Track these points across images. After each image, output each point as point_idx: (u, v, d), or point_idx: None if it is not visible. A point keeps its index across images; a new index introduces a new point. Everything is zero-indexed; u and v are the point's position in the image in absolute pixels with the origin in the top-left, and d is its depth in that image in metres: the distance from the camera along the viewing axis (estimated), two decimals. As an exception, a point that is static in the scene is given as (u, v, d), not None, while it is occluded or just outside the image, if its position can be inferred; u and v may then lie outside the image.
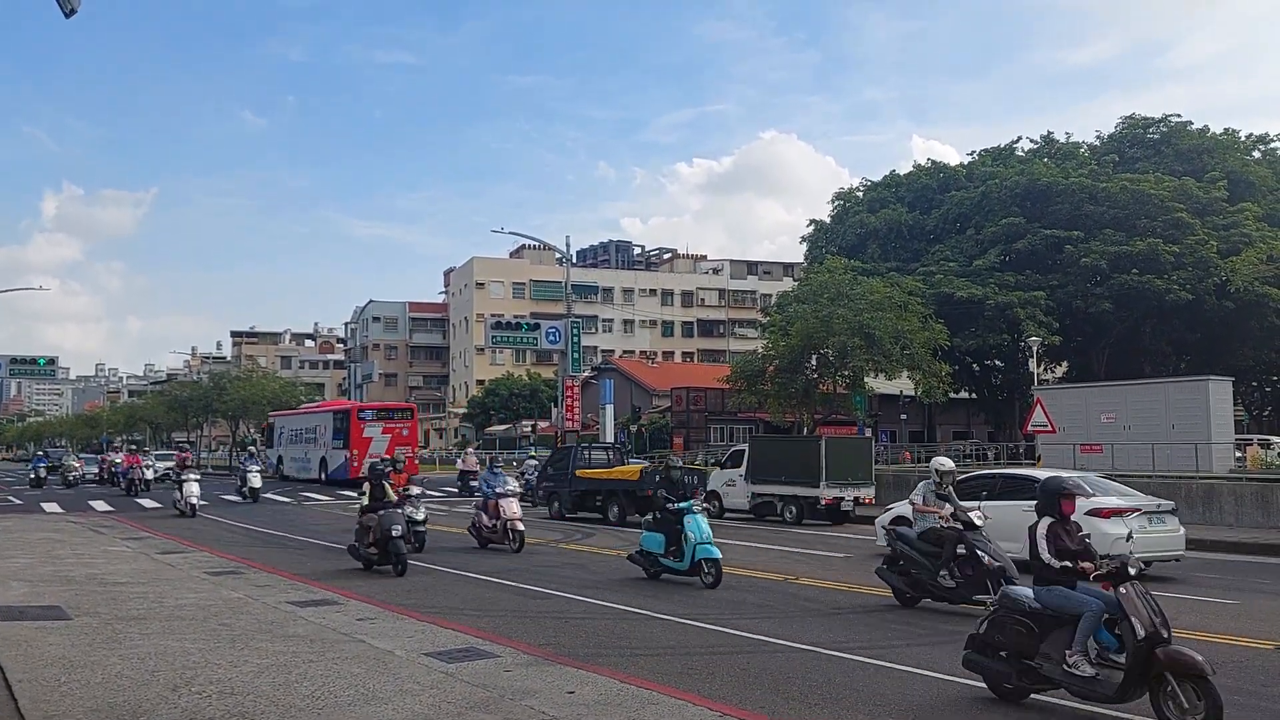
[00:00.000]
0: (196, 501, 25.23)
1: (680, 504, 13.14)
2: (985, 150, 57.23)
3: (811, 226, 58.61)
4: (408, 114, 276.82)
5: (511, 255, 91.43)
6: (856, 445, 25.70)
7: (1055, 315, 44.25)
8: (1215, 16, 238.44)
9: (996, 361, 51.73)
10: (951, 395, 43.68)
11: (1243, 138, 54.78)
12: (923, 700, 7.23)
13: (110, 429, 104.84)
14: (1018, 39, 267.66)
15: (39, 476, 42.38)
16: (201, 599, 11.27)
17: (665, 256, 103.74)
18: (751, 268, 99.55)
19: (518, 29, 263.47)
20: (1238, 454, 29.04)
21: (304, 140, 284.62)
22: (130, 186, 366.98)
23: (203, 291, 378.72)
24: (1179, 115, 53.93)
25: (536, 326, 40.40)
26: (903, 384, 45.01)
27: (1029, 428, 26.78)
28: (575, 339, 38.38)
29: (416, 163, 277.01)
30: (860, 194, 57.96)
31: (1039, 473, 15.92)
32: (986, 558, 10.58)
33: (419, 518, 16.66)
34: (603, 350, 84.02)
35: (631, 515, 22.71)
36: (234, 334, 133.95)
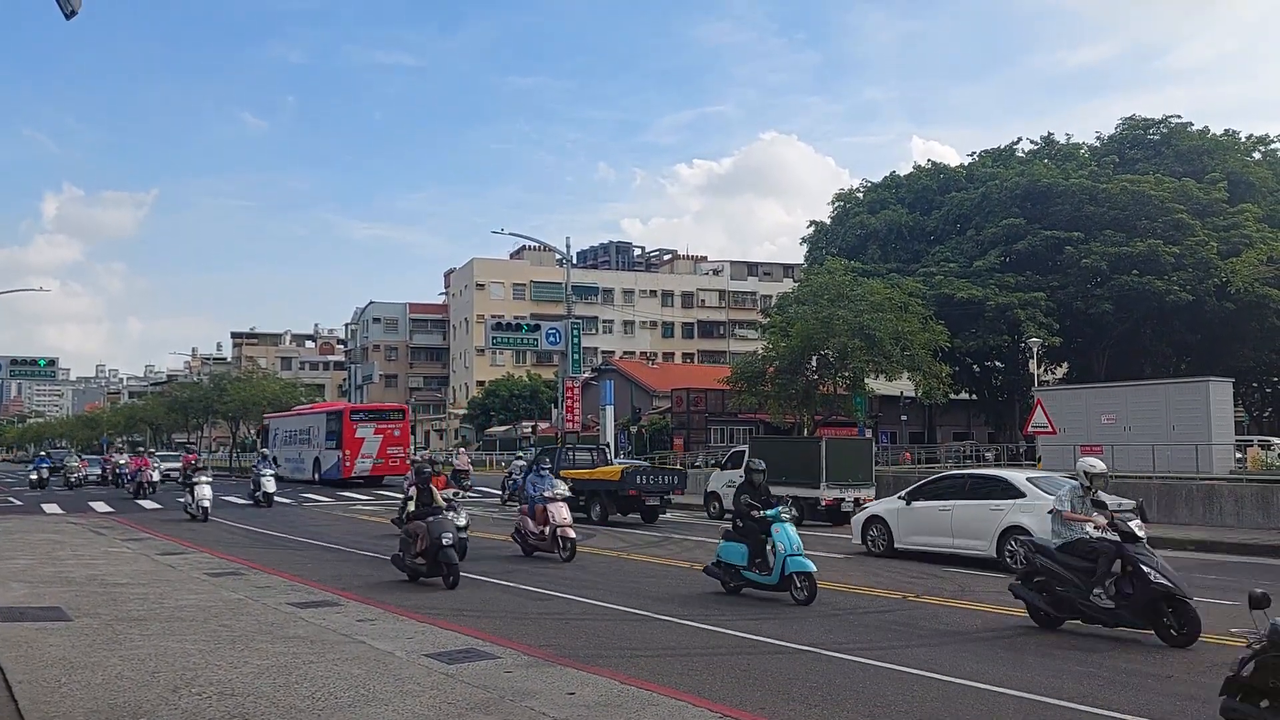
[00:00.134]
0: (209, 505, 24.37)
1: (767, 511, 11.96)
2: (985, 151, 57.34)
3: (812, 228, 58.69)
4: (408, 115, 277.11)
5: (512, 256, 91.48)
6: (857, 446, 25.71)
7: (1055, 316, 44.28)
8: (1215, 19, 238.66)
9: (997, 363, 51.77)
10: (952, 396, 43.71)
11: (1243, 139, 54.83)
12: (924, 701, 7.22)
13: (110, 430, 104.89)
14: (1018, 40, 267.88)
15: (41, 477, 42.31)
16: (202, 600, 11.27)
17: (665, 258, 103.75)
18: (752, 269, 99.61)
19: (518, 31, 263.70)
20: (1238, 455, 29.05)
21: (304, 142, 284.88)
22: (131, 188, 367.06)
23: (203, 293, 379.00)
24: (1179, 116, 54.10)
25: (537, 327, 40.36)
26: (903, 385, 45.06)
27: (1029, 429, 26.80)
28: (575, 340, 38.34)
29: (417, 164, 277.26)
30: (860, 195, 58.02)
31: (1006, 473, 16.24)
32: (1153, 574, 9.28)
33: (460, 523, 15.44)
34: (603, 351, 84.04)
35: (613, 514, 23.97)
36: (234, 335, 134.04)
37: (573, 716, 6.43)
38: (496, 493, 33.64)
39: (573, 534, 15.81)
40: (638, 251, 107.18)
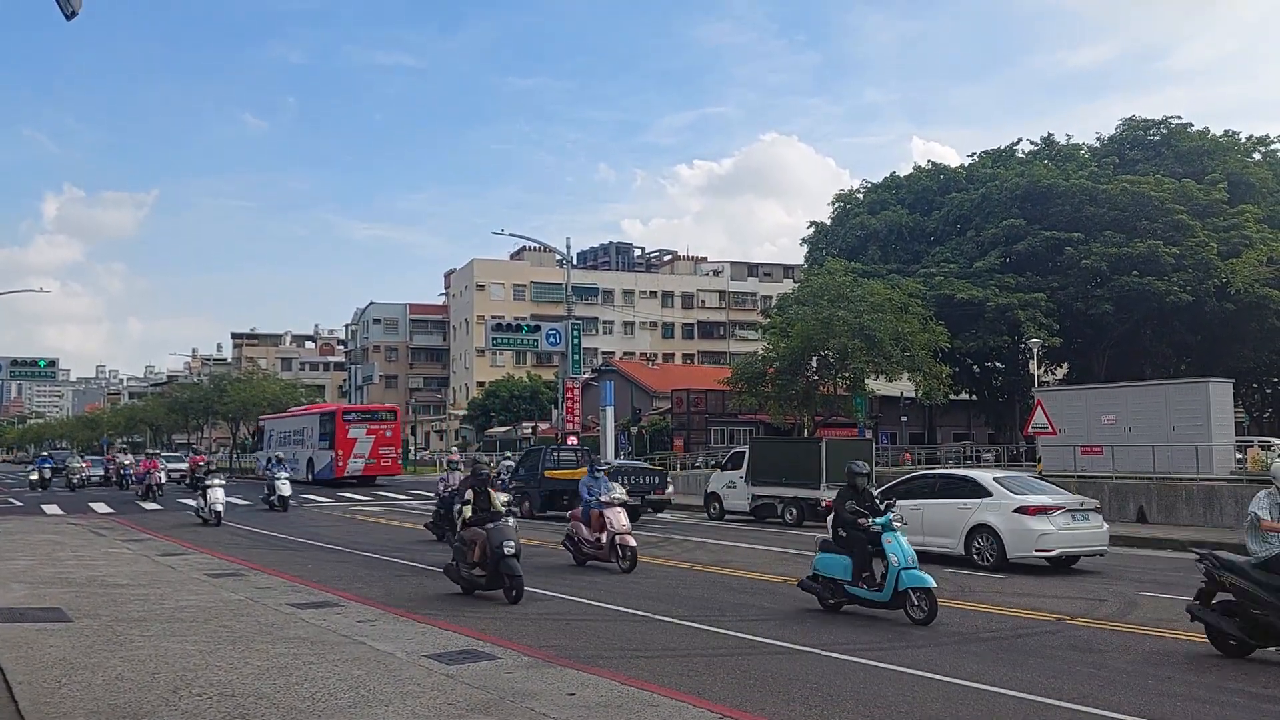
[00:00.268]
0: (222, 509, 23.32)
1: (876, 519, 10.74)
2: (985, 152, 57.32)
3: (812, 228, 58.68)
4: (408, 116, 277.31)
5: (512, 257, 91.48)
6: (857, 447, 25.72)
7: (1055, 317, 44.29)
8: (1215, 19, 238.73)
9: (997, 363, 51.78)
10: (952, 397, 43.73)
11: (1243, 139, 54.81)
12: (924, 702, 7.22)
13: (111, 431, 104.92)
14: (1017, 41, 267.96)
15: (43, 477, 42.26)
16: (202, 601, 11.28)
17: (665, 258, 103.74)
18: (752, 269, 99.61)
19: (518, 32, 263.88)
20: (1238, 456, 29.01)
21: (305, 142, 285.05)
22: (131, 188, 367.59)
23: (203, 293, 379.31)
24: (1179, 117, 54.08)
25: (537, 328, 40.33)
26: (903, 386, 45.07)
27: (1029, 430, 26.76)
28: (575, 341, 38.34)
29: (417, 164, 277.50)
30: (860, 196, 58.02)
31: (974, 474, 16.81)
32: None
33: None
34: (603, 352, 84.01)
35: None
36: (234, 336, 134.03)
37: (573, 717, 6.43)
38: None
39: (632, 542, 14.79)
40: (638, 252, 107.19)
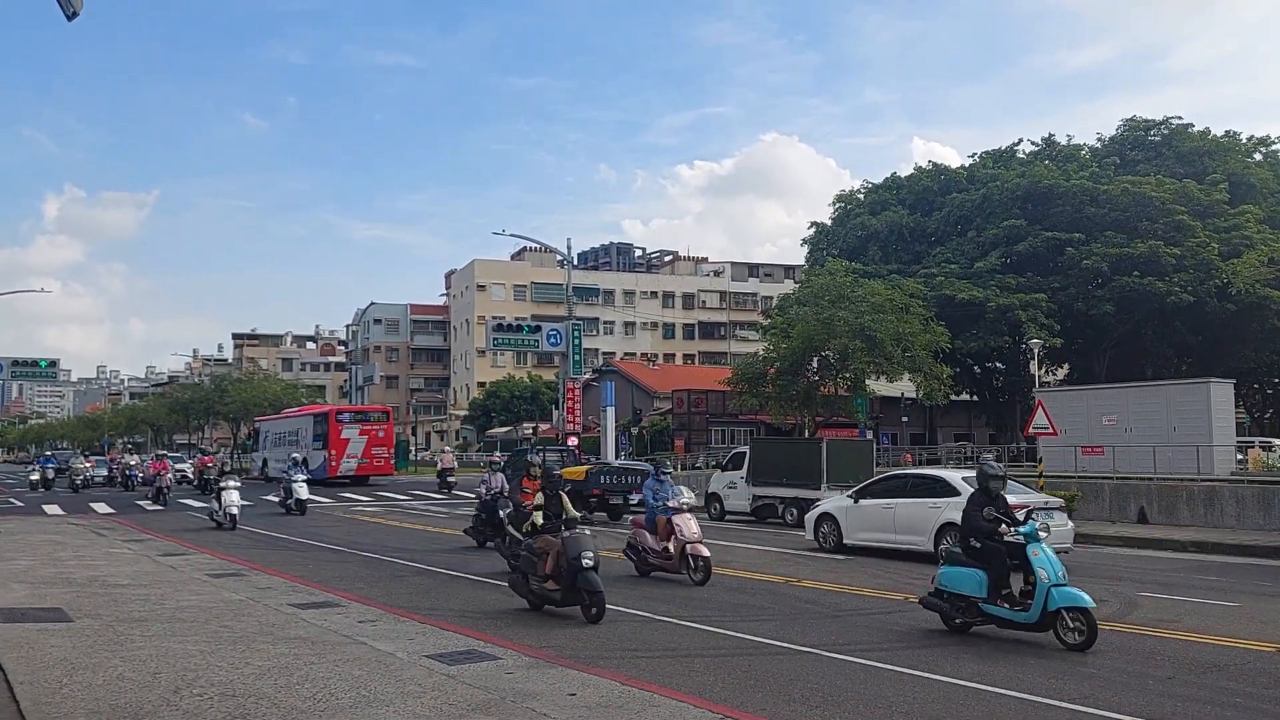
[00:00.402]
0: (237, 512, 21.93)
1: (1020, 529, 9.36)
2: (986, 152, 57.34)
3: (812, 229, 58.72)
4: (408, 116, 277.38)
5: (513, 257, 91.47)
6: (858, 448, 25.70)
7: (1056, 317, 44.30)
8: (1215, 19, 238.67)
9: (998, 364, 51.78)
10: (953, 398, 43.74)
11: (1244, 140, 54.82)
12: (925, 702, 7.22)
13: (112, 431, 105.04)
14: (1018, 42, 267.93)
15: (45, 477, 42.21)
16: (203, 601, 11.28)
17: (666, 259, 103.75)
18: (753, 270, 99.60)
19: (518, 32, 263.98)
20: (1239, 456, 29.02)
21: (305, 142, 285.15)
22: (132, 188, 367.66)
23: (204, 293, 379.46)
24: (1180, 118, 54.13)
25: (537, 329, 40.35)
26: (904, 386, 45.07)
27: (1030, 430, 26.71)
28: (576, 341, 38.36)
29: (417, 165, 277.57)
30: (861, 196, 58.04)
31: (944, 473, 17.12)
32: None
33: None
34: (604, 352, 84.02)
35: (580, 512, 24.31)
36: (235, 336, 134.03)
37: (574, 717, 6.44)
38: (469, 495, 34.36)
39: (705, 551, 13.33)
40: (638, 253, 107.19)
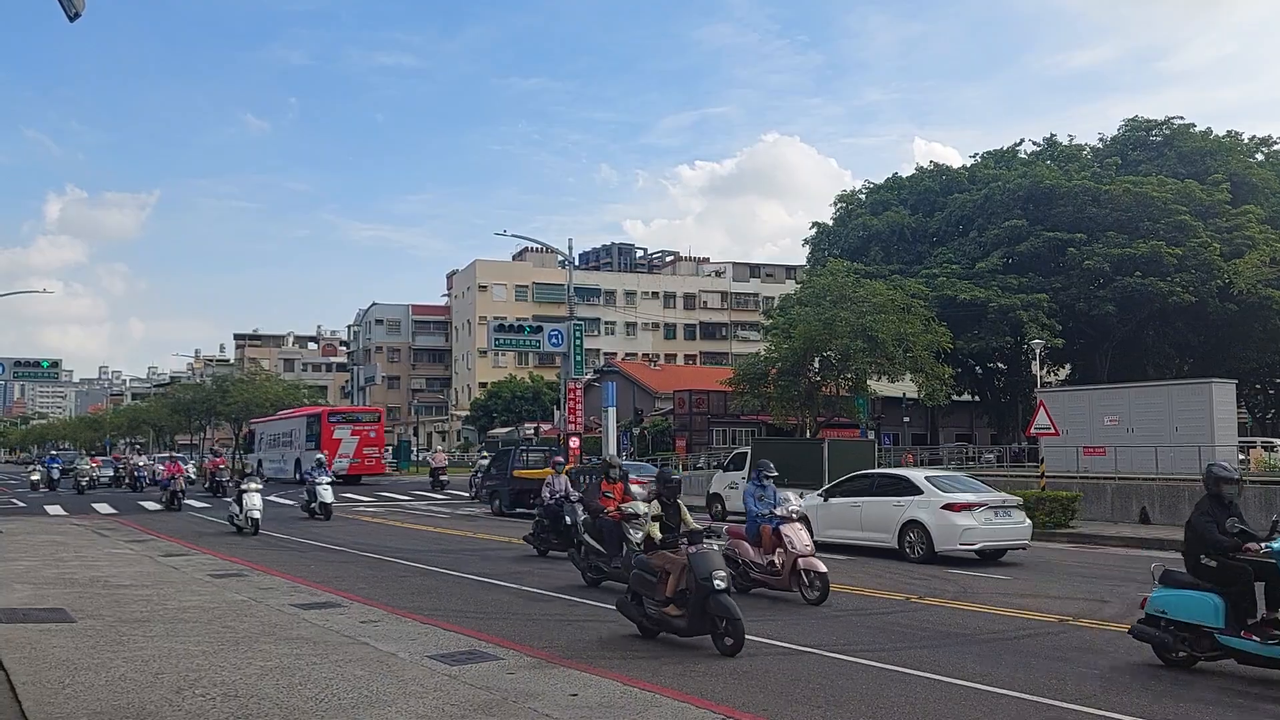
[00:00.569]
0: (259, 516, 21.07)
1: (1272, 544, 7.74)
2: (988, 153, 57.38)
3: (814, 229, 58.73)
4: (409, 117, 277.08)
5: (514, 258, 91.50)
6: (859, 448, 25.74)
7: (1058, 318, 44.29)
8: (1216, 20, 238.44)
9: (999, 364, 51.80)
10: (954, 398, 43.79)
11: (1246, 140, 54.85)
12: (926, 702, 7.22)
13: (113, 432, 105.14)
14: (1019, 42, 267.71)
15: (50, 478, 42.18)
16: (205, 601, 11.29)
17: (667, 259, 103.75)
18: (754, 270, 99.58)
19: (519, 32, 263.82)
20: (1241, 457, 29.03)
21: (306, 143, 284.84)
22: (133, 189, 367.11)
23: (206, 294, 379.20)
24: (1181, 118, 54.17)
25: (539, 329, 40.31)
26: (905, 387, 45.04)
27: (1032, 430, 26.73)
28: (577, 341, 38.32)
29: (418, 165, 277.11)
30: (862, 196, 58.05)
31: (908, 473, 17.74)
32: None
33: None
34: (605, 353, 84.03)
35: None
36: (237, 337, 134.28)
37: (575, 718, 6.44)
38: (463, 495, 35.65)
39: (821, 566, 11.76)
40: (640, 253, 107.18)
